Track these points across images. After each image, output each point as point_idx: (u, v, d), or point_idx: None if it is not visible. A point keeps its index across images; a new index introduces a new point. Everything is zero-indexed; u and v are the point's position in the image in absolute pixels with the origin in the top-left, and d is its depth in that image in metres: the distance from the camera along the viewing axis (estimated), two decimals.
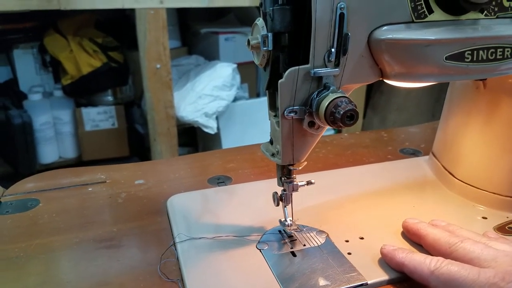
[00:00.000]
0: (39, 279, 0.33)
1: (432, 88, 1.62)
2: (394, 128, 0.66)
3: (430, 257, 0.31)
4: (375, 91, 1.66)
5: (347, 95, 0.29)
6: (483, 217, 0.40)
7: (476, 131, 0.41)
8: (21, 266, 0.35)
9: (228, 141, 1.39)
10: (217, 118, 1.32)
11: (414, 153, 0.56)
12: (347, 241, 0.36)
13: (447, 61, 0.29)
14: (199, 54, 1.46)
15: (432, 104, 1.65)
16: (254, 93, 1.58)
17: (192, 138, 1.53)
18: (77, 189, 0.46)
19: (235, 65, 1.33)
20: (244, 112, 1.44)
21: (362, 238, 0.36)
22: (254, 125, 1.44)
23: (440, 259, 0.30)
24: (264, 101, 1.67)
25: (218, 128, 1.33)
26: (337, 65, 0.29)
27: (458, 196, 0.43)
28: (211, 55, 1.44)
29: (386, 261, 0.33)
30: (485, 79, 0.38)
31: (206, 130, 1.29)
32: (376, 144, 0.59)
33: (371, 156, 0.55)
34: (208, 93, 1.28)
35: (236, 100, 1.41)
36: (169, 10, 1.21)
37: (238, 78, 1.35)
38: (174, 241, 0.36)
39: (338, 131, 1.41)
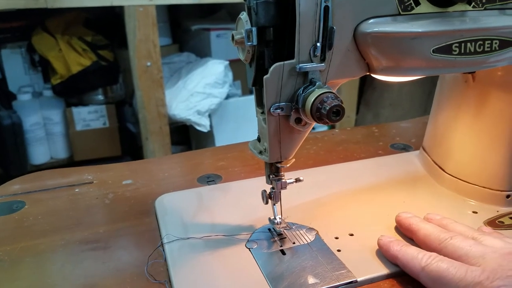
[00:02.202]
0: (24, 283, 0.32)
1: (425, 82, 1.63)
2: (385, 123, 0.66)
3: (423, 252, 0.30)
4: (367, 87, 1.66)
5: (333, 91, 0.28)
6: (474, 212, 0.40)
7: (466, 125, 0.41)
8: (6, 269, 0.34)
9: (221, 139, 1.38)
10: (209, 116, 1.31)
11: (405, 148, 0.55)
12: (337, 238, 0.36)
13: (434, 54, 0.29)
14: (191, 51, 1.44)
15: (425, 99, 1.66)
16: (247, 90, 1.57)
17: (185, 136, 1.52)
18: (64, 190, 0.46)
19: (227, 62, 1.32)
20: (237, 110, 1.43)
21: (352, 235, 0.36)
22: (247, 122, 1.43)
23: (433, 255, 0.30)
24: None
25: (211, 126, 1.32)
26: (323, 60, 0.29)
27: (448, 190, 0.43)
28: (203, 52, 1.43)
29: (382, 252, 0.33)
30: (474, 72, 0.38)
31: (198, 128, 1.28)
32: (367, 140, 0.59)
33: (362, 152, 0.54)
34: (200, 90, 1.27)
35: (229, 97, 1.40)
36: (159, 7, 1.20)
37: (230, 75, 1.34)
38: (162, 242, 0.36)
39: (332, 127, 1.41)
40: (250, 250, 0.34)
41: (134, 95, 1.27)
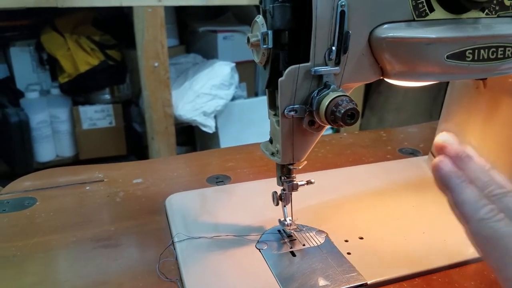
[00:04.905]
0: (36, 278, 0.33)
1: (431, 88, 1.63)
2: (393, 128, 0.66)
3: (484, 200, 0.26)
4: (373, 91, 1.66)
5: (347, 94, 0.28)
6: None
7: (476, 131, 0.41)
8: (18, 265, 0.34)
9: (226, 140, 1.39)
10: (215, 117, 1.32)
11: (413, 153, 0.56)
12: (346, 241, 0.36)
13: (448, 60, 0.29)
14: (197, 53, 1.45)
15: (430, 104, 1.66)
16: (253, 93, 1.58)
17: (190, 137, 1.53)
18: (75, 188, 0.46)
19: (233, 64, 1.32)
20: (242, 112, 1.43)
21: (361, 238, 0.36)
22: (252, 124, 1.43)
23: (495, 209, 0.25)
24: (262, 100, 1.68)
25: (216, 127, 1.32)
26: (337, 63, 0.29)
27: None
28: (210, 54, 1.44)
29: (434, 177, 0.29)
30: (486, 78, 0.38)
31: (204, 129, 1.29)
32: (375, 144, 0.59)
33: (370, 156, 0.55)
34: (206, 92, 1.28)
35: (235, 99, 1.40)
36: (167, 8, 1.20)
37: (236, 77, 1.35)
38: (172, 241, 0.36)
39: (336, 131, 1.41)
40: (260, 251, 0.35)
41: (140, 95, 1.27)
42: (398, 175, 0.47)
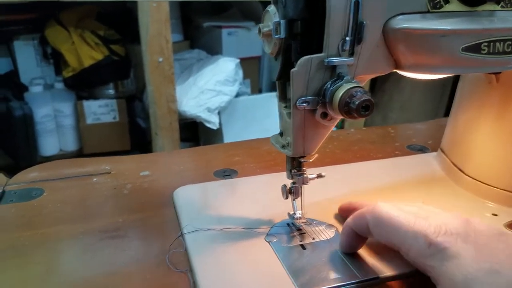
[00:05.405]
0: (44, 268, 0.33)
1: (435, 87, 1.62)
2: (401, 124, 0.66)
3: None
4: (377, 90, 1.66)
5: (362, 85, 0.28)
6: (493, 214, 0.39)
7: (488, 127, 0.41)
8: (27, 254, 0.34)
9: (229, 137, 1.39)
10: (219, 113, 1.32)
11: (422, 150, 0.55)
12: None
13: (463, 52, 0.29)
14: (202, 48, 1.44)
15: (436, 103, 1.65)
16: (256, 89, 1.57)
17: (194, 133, 1.53)
18: (82, 180, 0.46)
19: (238, 60, 1.32)
20: (246, 108, 1.43)
21: None
22: (255, 121, 1.43)
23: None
24: (266, 97, 1.67)
25: (220, 123, 1.32)
26: (351, 54, 0.29)
27: (467, 192, 0.42)
28: (214, 50, 1.43)
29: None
30: (499, 72, 0.38)
31: (208, 125, 1.28)
32: (383, 140, 0.58)
33: (378, 152, 0.54)
34: (210, 88, 1.27)
35: (239, 95, 1.40)
36: (172, 3, 1.20)
37: (240, 73, 1.34)
38: (181, 232, 0.36)
39: (341, 127, 1.41)
40: (269, 244, 0.34)
41: (144, 90, 1.27)
42: (408, 171, 0.47)
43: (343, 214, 0.37)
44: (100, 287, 0.31)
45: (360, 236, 0.32)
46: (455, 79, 0.46)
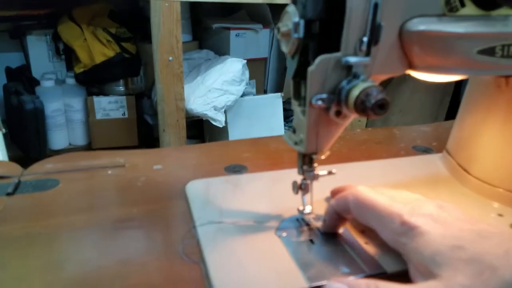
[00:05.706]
0: (61, 256, 0.34)
1: (436, 91, 1.62)
2: (405, 126, 0.67)
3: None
4: None
5: (377, 85, 0.29)
6: (499, 214, 0.40)
7: (495, 129, 0.42)
8: (45, 242, 0.35)
9: (235, 135, 1.40)
10: (225, 112, 1.33)
11: (426, 151, 0.56)
12: (363, 231, 0.36)
13: (478, 55, 0.29)
14: (210, 49, 1.46)
15: (436, 107, 1.65)
16: (262, 90, 1.59)
17: (199, 130, 1.54)
18: (97, 171, 0.47)
19: (245, 61, 1.33)
20: (251, 107, 1.44)
21: None
22: (260, 120, 1.44)
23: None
24: (271, 98, 1.68)
25: (225, 122, 1.33)
26: (367, 54, 0.30)
27: (472, 193, 0.43)
28: (222, 50, 1.45)
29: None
30: (510, 76, 0.38)
31: (214, 123, 1.30)
32: (389, 141, 0.59)
33: (384, 152, 0.55)
34: (217, 87, 1.29)
35: (244, 95, 1.41)
36: (182, 4, 1.21)
37: (247, 73, 1.36)
38: (194, 224, 0.37)
39: None
40: (279, 238, 0.35)
41: (153, 88, 1.29)
42: (413, 170, 0.48)
43: (333, 197, 0.38)
44: (114, 275, 0.32)
45: (341, 217, 0.34)
46: (457, 84, 0.47)
